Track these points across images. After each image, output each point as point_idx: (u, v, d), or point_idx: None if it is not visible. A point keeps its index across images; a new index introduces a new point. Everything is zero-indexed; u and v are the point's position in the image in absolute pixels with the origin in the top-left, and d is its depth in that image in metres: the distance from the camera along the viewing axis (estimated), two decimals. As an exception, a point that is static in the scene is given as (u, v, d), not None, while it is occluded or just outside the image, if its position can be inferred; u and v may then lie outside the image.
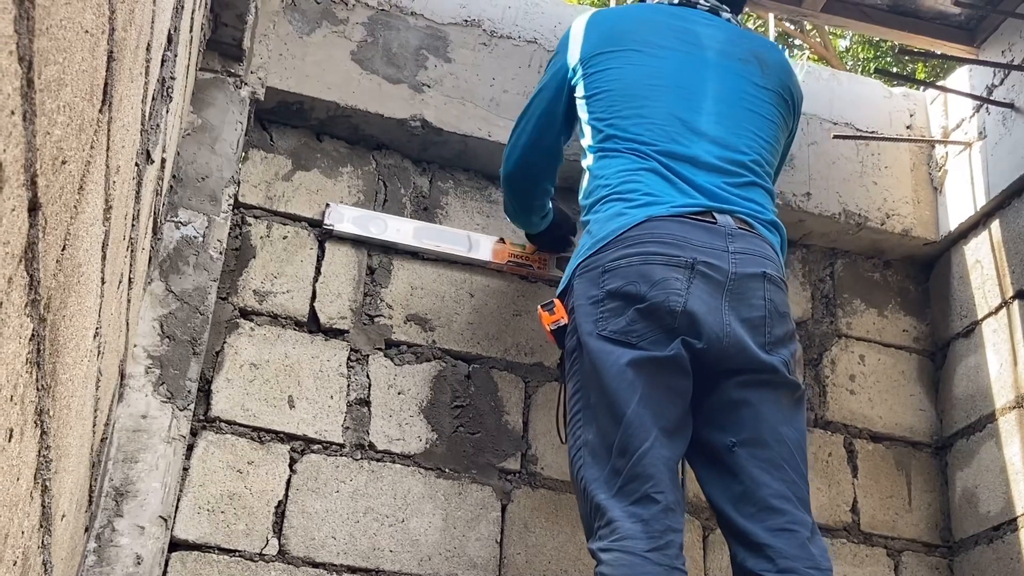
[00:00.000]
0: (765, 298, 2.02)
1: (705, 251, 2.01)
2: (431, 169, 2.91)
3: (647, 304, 1.96)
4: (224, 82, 2.60)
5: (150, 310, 2.32)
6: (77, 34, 0.87)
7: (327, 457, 2.52)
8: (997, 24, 3.14)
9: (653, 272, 1.98)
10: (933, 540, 2.92)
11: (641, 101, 2.24)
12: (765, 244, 2.10)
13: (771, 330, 2.01)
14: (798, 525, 1.90)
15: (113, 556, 2.09)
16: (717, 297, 1.98)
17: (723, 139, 2.21)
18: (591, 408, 1.98)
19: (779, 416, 1.99)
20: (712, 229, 2.05)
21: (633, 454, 1.89)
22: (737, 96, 2.28)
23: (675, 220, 2.05)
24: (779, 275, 2.09)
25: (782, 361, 2.01)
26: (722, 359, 1.98)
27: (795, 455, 1.98)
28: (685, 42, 2.33)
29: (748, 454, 1.96)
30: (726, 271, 2.00)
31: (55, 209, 0.92)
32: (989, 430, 2.85)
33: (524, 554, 2.57)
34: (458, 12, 2.98)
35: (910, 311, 3.19)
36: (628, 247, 2.03)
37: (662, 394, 1.95)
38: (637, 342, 1.96)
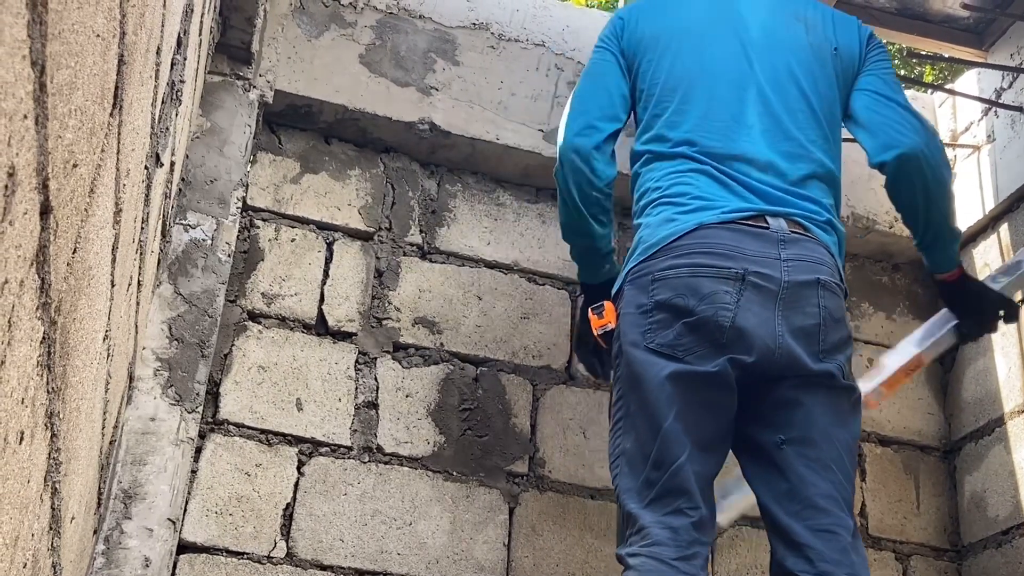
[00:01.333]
0: (819, 305, 1.97)
1: (756, 260, 1.96)
2: (439, 172, 2.91)
3: (695, 318, 1.93)
4: (233, 85, 2.60)
5: (159, 313, 2.32)
6: (89, 38, 0.88)
7: (335, 460, 2.52)
8: (1006, 27, 3.13)
9: (702, 285, 1.94)
10: (942, 544, 2.92)
11: (685, 97, 2.17)
12: (820, 247, 2.04)
13: (825, 337, 1.97)
14: (841, 528, 1.88)
15: (121, 558, 2.10)
16: (769, 308, 1.94)
17: (773, 128, 2.14)
18: (631, 417, 1.96)
19: (831, 417, 1.95)
20: (764, 235, 2.00)
21: (668, 468, 1.87)
22: (785, 72, 2.20)
23: (726, 228, 2.00)
24: (834, 280, 2.02)
25: (837, 366, 1.97)
26: (773, 369, 1.94)
27: (844, 457, 1.95)
28: (726, 24, 2.25)
29: (796, 452, 1.93)
30: (778, 280, 1.95)
31: (66, 212, 0.92)
32: (998, 434, 2.85)
33: (532, 557, 2.57)
34: (466, 15, 2.99)
35: (919, 314, 3.18)
36: (678, 256, 1.99)
37: (700, 409, 1.92)
38: (683, 356, 1.92)
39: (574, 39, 3.04)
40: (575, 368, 2.78)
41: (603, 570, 2.60)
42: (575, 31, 3.05)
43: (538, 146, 2.87)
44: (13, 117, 0.67)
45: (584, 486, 2.68)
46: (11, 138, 0.68)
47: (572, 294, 2.87)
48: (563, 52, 3.02)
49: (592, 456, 2.71)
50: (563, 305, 2.85)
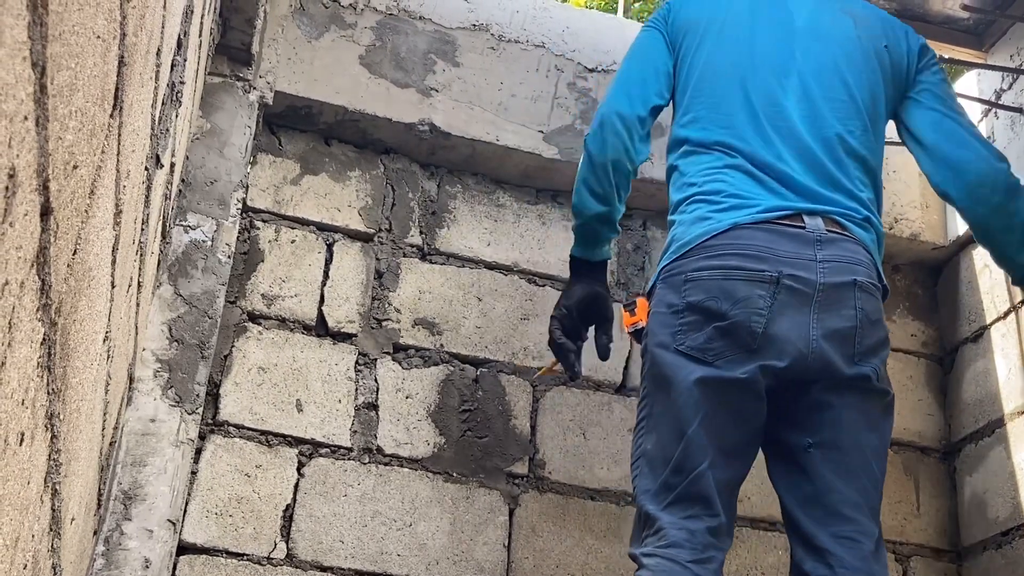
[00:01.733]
0: (856, 307, 1.93)
1: (791, 262, 1.92)
2: (439, 173, 2.91)
3: (728, 323, 1.89)
4: (233, 86, 2.60)
5: (159, 314, 2.33)
6: (89, 39, 0.88)
7: (335, 461, 2.52)
8: (1006, 28, 3.13)
9: (736, 289, 1.90)
10: (941, 545, 2.92)
11: (724, 90, 2.13)
12: (857, 247, 1.99)
13: (861, 340, 1.93)
14: (864, 536, 1.85)
15: (121, 559, 2.10)
16: (804, 311, 1.90)
17: (813, 118, 2.09)
18: (654, 418, 1.93)
19: (862, 422, 1.92)
20: (799, 236, 1.95)
21: (689, 474, 1.85)
22: (829, 63, 2.15)
23: (761, 228, 1.96)
24: (871, 280, 1.98)
25: (872, 369, 1.94)
26: (806, 373, 1.91)
27: (872, 464, 1.92)
28: (771, 13, 2.21)
29: (823, 457, 1.90)
30: (814, 282, 1.91)
31: (66, 214, 0.92)
32: (998, 435, 2.85)
33: (532, 558, 2.57)
34: (466, 16, 2.99)
35: (918, 316, 3.19)
36: (711, 257, 1.95)
37: (727, 416, 1.89)
38: (713, 360, 1.89)
39: (574, 40, 3.04)
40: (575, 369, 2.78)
41: (603, 571, 2.60)
42: (575, 32, 3.05)
43: (538, 147, 2.87)
44: (14, 119, 0.67)
45: (584, 487, 2.68)
46: (12, 139, 0.68)
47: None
48: (563, 53, 3.02)
49: (592, 457, 2.71)
50: (563, 306, 2.84)
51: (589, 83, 3.00)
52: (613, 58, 3.03)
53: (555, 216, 2.94)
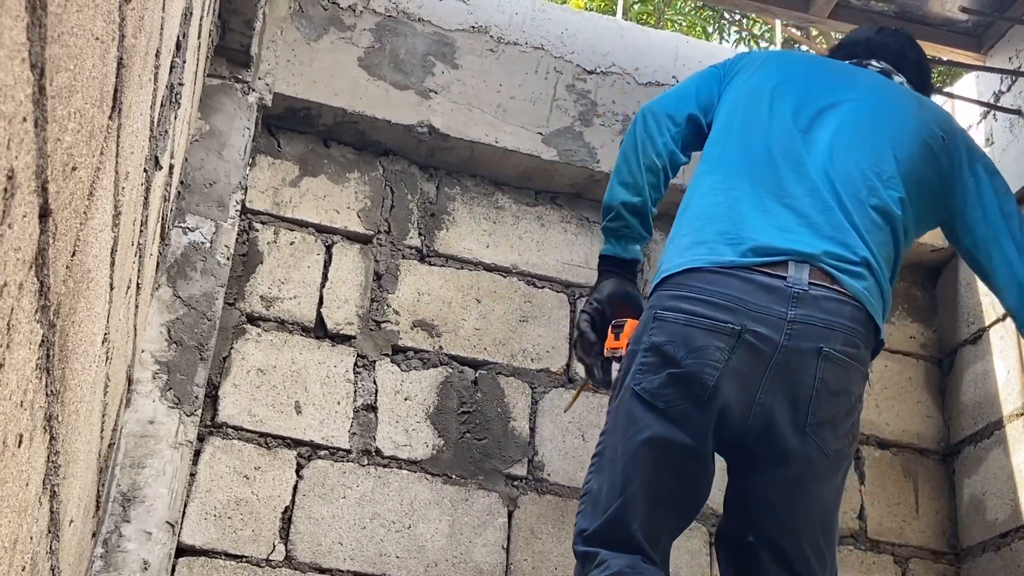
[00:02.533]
0: (816, 377, 1.82)
1: (758, 317, 1.83)
2: (438, 175, 2.91)
3: (681, 371, 1.83)
4: (232, 88, 2.60)
5: (157, 315, 2.32)
6: (88, 41, 0.88)
7: (334, 463, 2.52)
8: (1004, 31, 3.13)
9: (695, 337, 1.83)
10: (940, 547, 2.92)
11: (754, 107, 2.08)
12: (842, 305, 1.86)
13: (816, 410, 1.83)
14: None
15: (120, 561, 2.09)
16: (757, 371, 1.82)
17: (841, 148, 2.00)
18: (605, 460, 1.91)
19: (801, 512, 1.87)
20: (776, 290, 1.84)
21: (623, 531, 1.83)
22: (878, 111, 2.07)
23: (737, 275, 1.86)
24: (842, 349, 1.85)
25: (817, 447, 1.84)
26: (747, 437, 1.85)
27: (816, 548, 1.86)
28: (836, 68, 2.16)
29: (764, 551, 1.86)
30: (776, 343, 1.82)
31: (65, 215, 0.92)
32: (996, 437, 2.85)
33: (531, 560, 2.57)
34: (465, 19, 2.99)
35: (917, 318, 3.19)
36: (680, 299, 1.88)
37: (669, 476, 1.85)
38: (664, 407, 1.84)
39: (573, 42, 3.04)
40: (574, 371, 2.78)
41: (602, 573, 2.60)
42: (574, 34, 3.06)
43: (537, 149, 2.87)
44: (12, 120, 0.67)
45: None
46: (10, 141, 0.68)
47: (571, 297, 2.87)
48: (562, 55, 3.02)
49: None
50: (562, 308, 2.85)
51: (588, 85, 3.00)
52: (612, 60, 3.04)
53: (554, 218, 2.94)
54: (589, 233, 2.95)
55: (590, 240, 2.93)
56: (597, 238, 2.96)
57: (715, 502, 2.55)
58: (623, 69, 3.04)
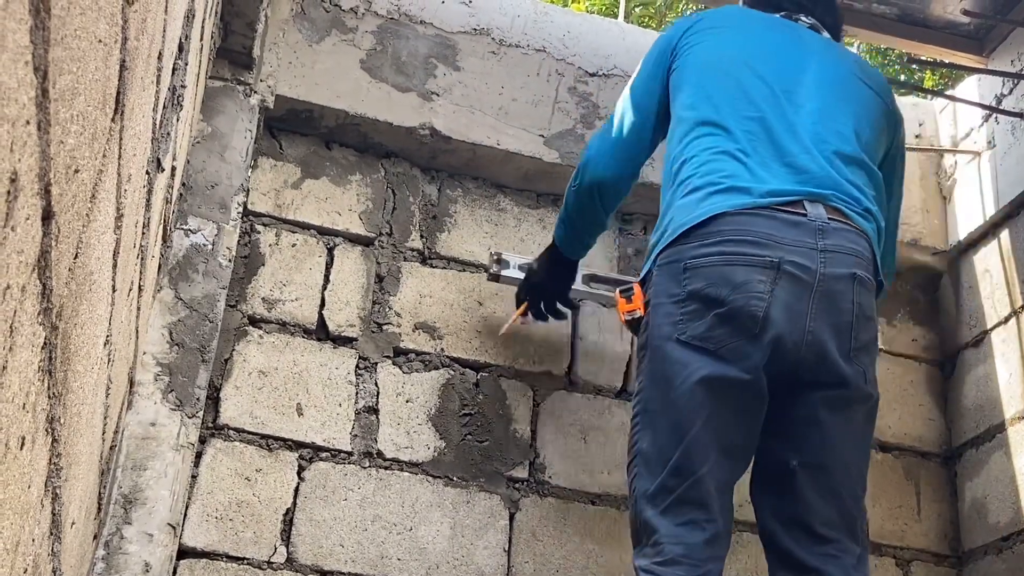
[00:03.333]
0: (854, 301, 1.90)
1: (793, 249, 1.89)
2: (440, 177, 2.91)
3: (727, 308, 1.86)
4: (234, 90, 2.60)
5: (159, 317, 2.32)
6: (91, 44, 0.88)
7: (335, 465, 2.52)
8: (1006, 34, 3.13)
9: (735, 274, 1.87)
10: (942, 550, 2.91)
11: (735, 76, 2.14)
12: (860, 238, 1.97)
13: (857, 335, 1.91)
14: (845, 553, 1.85)
15: (122, 563, 2.09)
16: (803, 300, 1.87)
17: (822, 112, 2.10)
18: (651, 415, 1.90)
19: (848, 438, 1.91)
20: (802, 224, 1.92)
21: (688, 478, 1.82)
22: (838, 79, 2.18)
23: (762, 214, 1.93)
24: (868, 276, 1.96)
25: (862, 371, 1.92)
26: (800, 367, 1.88)
27: (855, 480, 1.91)
28: (785, 28, 2.26)
29: (808, 477, 1.88)
30: (814, 271, 1.88)
31: (68, 218, 0.92)
32: (998, 440, 2.85)
33: (532, 563, 2.57)
34: (467, 21, 2.99)
35: (919, 320, 3.18)
36: (711, 244, 1.92)
37: (731, 415, 1.86)
38: (716, 348, 1.85)
39: (575, 44, 3.04)
40: (576, 373, 2.78)
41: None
42: (576, 37, 3.06)
43: (539, 151, 2.88)
44: (16, 123, 0.67)
45: (584, 492, 2.68)
46: (13, 143, 0.68)
47: (576, 299, 2.87)
48: (564, 58, 3.02)
49: (592, 462, 2.70)
50: (564, 310, 2.84)
51: (590, 87, 3.00)
52: (614, 62, 3.04)
53: (556, 220, 2.94)
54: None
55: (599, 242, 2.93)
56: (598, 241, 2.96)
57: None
58: (625, 71, 3.04)
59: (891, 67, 8.19)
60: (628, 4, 7.32)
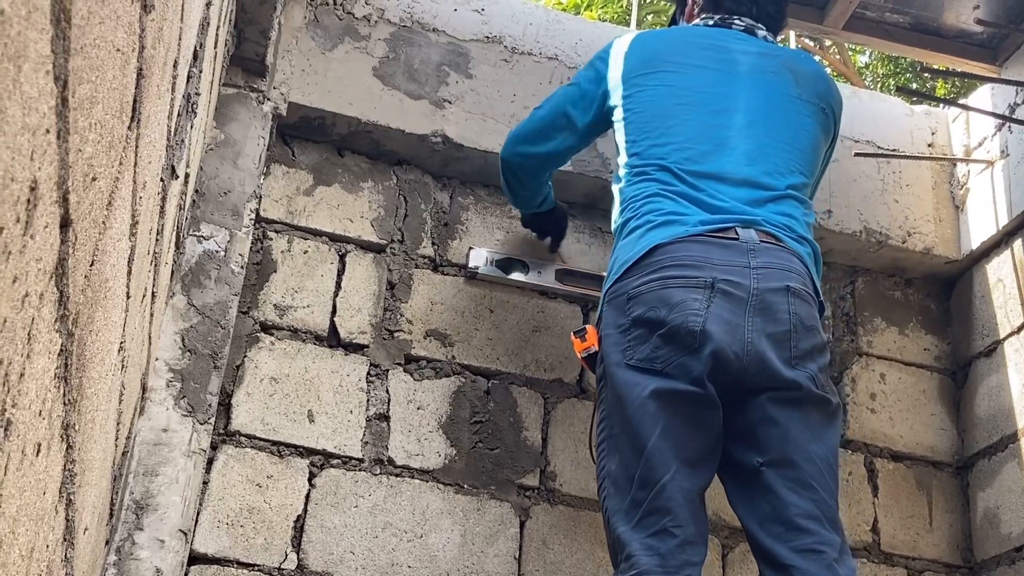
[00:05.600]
0: (790, 312, 1.98)
1: (725, 269, 1.99)
2: (452, 185, 2.92)
3: (667, 327, 1.95)
4: (247, 97, 2.61)
5: (172, 324, 2.33)
6: (109, 53, 0.88)
7: (346, 472, 2.52)
8: (1020, 43, 3.13)
9: (672, 295, 1.97)
10: (954, 561, 2.90)
11: (670, 121, 2.23)
12: (791, 256, 2.06)
13: (797, 344, 1.98)
14: (825, 546, 1.87)
15: (133, 569, 2.10)
16: (740, 314, 1.95)
17: (754, 152, 2.19)
18: (615, 438, 1.97)
19: (807, 434, 1.96)
20: (733, 246, 2.03)
21: (653, 487, 1.87)
22: (769, 109, 2.26)
23: (695, 241, 2.03)
24: (805, 288, 2.04)
25: (808, 376, 1.97)
26: (744, 377, 1.95)
27: (824, 473, 1.95)
28: (717, 59, 2.32)
29: (776, 474, 1.93)
30: (748, 287, 1.98)
31: (85, 225, 0.93)
32: (1011, 450, 2.83)
33: (543, 571, 2.56)
34: (479, 29, 2.99)
35: (931, 330, 3.17)
36: (649, 273, 2.02)
37: (685, 425, 1.93)
38: (663, 368, 1.94)
39: (587, 53, 3.04)
40: (587, 382, 2.78)
41: (614, 584, 2.59)
42: (588, 45, 3.06)
43: (551, 159, 2.87)
44: (36, 132, 0.68)
45: (595, 500, 2.67)
46: (34, 152, 0.68)
47: (583, 308, 2.87)
48: (576, 66, 3.02)
49: (603, 470, 2.70)
50: (575, 318, 2.85)
51: (602, 95, 3.00)
52: (626, 70, 3.03)
53: (568, 228, 2.94)
54: (602, 243, 2.94)
55: (603, 250, 2.93)
56: (611, 248, 2.96)
57: (728, 514, 2.54)
58: (637, 80, 3.04)
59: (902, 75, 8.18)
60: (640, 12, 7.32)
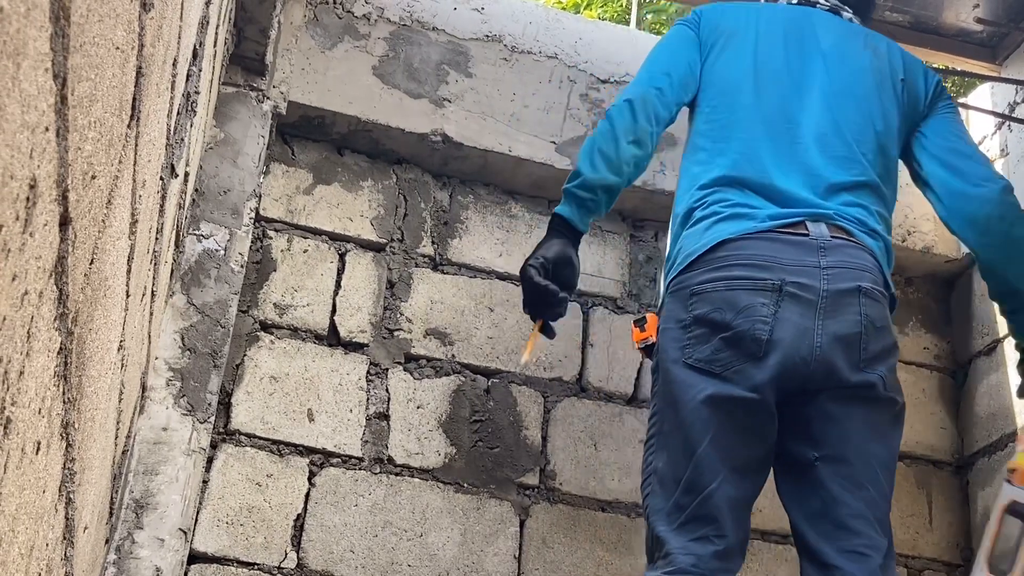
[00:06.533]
0: (861, 313, 1.92)
1: (794, 270, 1.92)
2: (451, 184, 2.92)
3: (732, 332, 1.89)
4: (247, 96, 2.61)
5: (171, 323, 2.33)
6: (109, 51, 0.88)
7: (346, 471, 2.52)
8: (1020, 41, 3.12)
9: (739, 299, 1.91)
10: (954, 559, 2.90)
11: (741, 101, 2.14)
12: (863, 253, 1.98)
13: (867, 346, 1.91)
14: (872, 550, 1.83)
15: (133, 568, 2.10)
16: (809, 317, 1.89)
17: (828, 135, 2.11)
18: (664, 436, 1.93)
19: (868, 433, 1.91)
20: (803, 244, 1.95)
21: (699, 494, 1.84)
22: (846, 90, 2.18)
23: (764, 238, 1.96)
24: (877, 287, 1.96)
25: (878, 377, 1.92)
26: (811, 381, 1.90)
27: (879, 474, 1.90)
28: (796, 36, 2.23)
29: (830, 470, 1.88)
30: (818, 289, 1.91)
31: (84, 223, 0.93)
32: (1011, 449, 2.83)
33: (542, 570, 2.56)
34: (479, 27, 2.99)
35: (931, 329, 3.17)
36: (715, 269, 1.95)
37: (738, 433, 1.88)
38: (722, 371, 1.89)
39: (587, 51, 3.05)
40: (587, 379, 2.78)
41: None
42: (587, 43, 3.06)
43: (551, 158, 2.88)
44: (35, 129, 0.68)
45: (595, 499, 2.67)
46: (33, 150, 0.68)
47: (584, 306, 2.87)
48: (576, 64, 3.02)
49: (603, 469, 2.70)
50: (575, 317, 2.85)
51: (602, 94, 3.00)
52: (626, 69, 3.04)
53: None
54: (602, 243, 2.94)
55: (603, 250, 2.93)
56: (610, 247, 2.96)
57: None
58: (637, 78, 3.04)
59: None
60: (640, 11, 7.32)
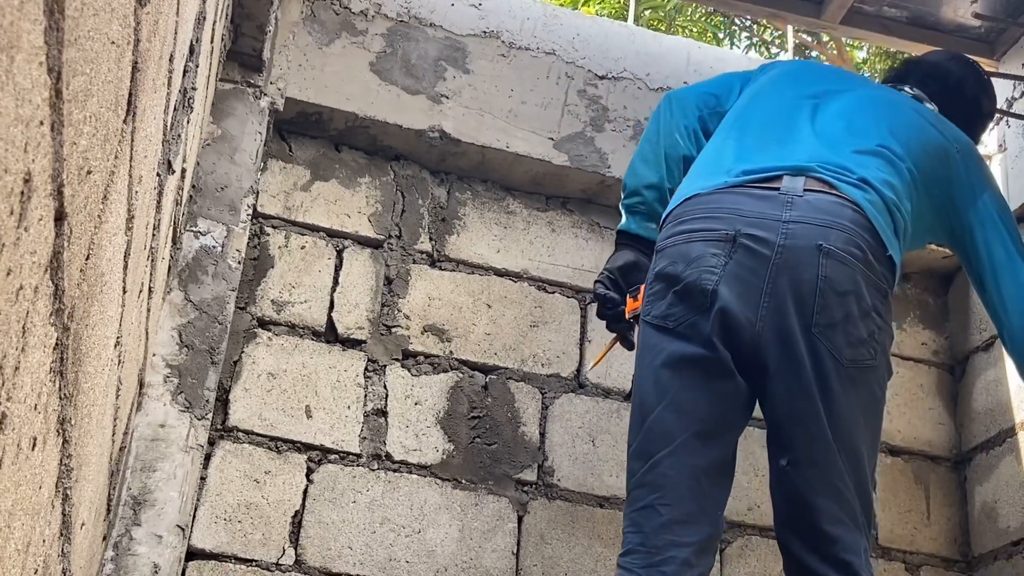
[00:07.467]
0: (818, 275, 1.77)
1: (752, 221, 1.82)
2: (449, 180, 2.91)
3: (682, 284, 1.83)
4: (244, 92, 2.61)
5: (169, 319, 2.33)
6: (104, 45, 0.88)
7: (344, 467, 2.52)
8: (1017, 37, 3.12)
9: (691, 250, 1.84)
10: (952, 555, 2.90)
11: (770, 95, 2.13)
12: (842, 207, 1.83)
13: (821, 310, 1.76)
14: (850, 553, 1.74)
15: (131, 565, 2.09)
16: (759, 274, 1.78)
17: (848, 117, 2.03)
18: (632, 410, 1.89)
19: (831, 413, 1.77)
20: (770, 197, 1.85)
21: (647, 461, 1.78)
22: (891, 105, 2.09)
23: (732, 191, 1.87)
24: (848, 247, 1.80)
25: (828, 350, 1.76)
26: (761, 347, 1.78)
27: (847, 466, 1.77)
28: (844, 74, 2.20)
29: (800, 475, 1.78)
30: (773, 244, 1.79)
31: (80, 219, 0.92)
32: (1008, 444, 2.84)
33: (540, 566, 2.56)
34: (477, 24, 2.99)
35: (929, 324, 3.18)
36: (679, 223, 1.90)
37: (696, 394, 1.80)
38: (675, 326, 1.82)
39: (584, 48, 3.04)
40: (584, 376, 2.78)
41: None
42: (585, 40, 3.05)
43: (548, 154, 2.87)
44: (30, 123, 0.67)
45: (593, 495, 2.67)
46: (27, 144, 0.68)
47: (582, 303, 2.87)
48: (573, 60, 3.02)
49: (601, 465, 2.70)
50: (573, 313, 2.85)
51: (599, 90, 3.00)
52: (623, 65, 3.03)
53: (565, 223, 2.94)
54: (600, 239, 2.94)
55: (601, 246, 2.93)
56: (608, 244, 2.96)
57: (726, 508, 2.54)
58: (634, 75, 3.04)
59: (900, 70, 8.17)
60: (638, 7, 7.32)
